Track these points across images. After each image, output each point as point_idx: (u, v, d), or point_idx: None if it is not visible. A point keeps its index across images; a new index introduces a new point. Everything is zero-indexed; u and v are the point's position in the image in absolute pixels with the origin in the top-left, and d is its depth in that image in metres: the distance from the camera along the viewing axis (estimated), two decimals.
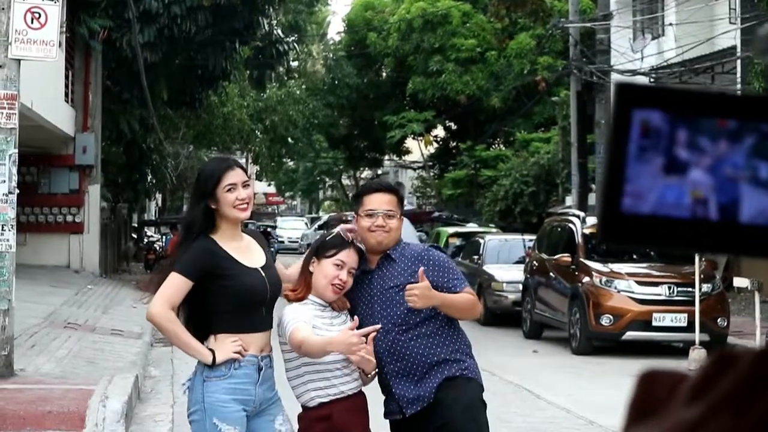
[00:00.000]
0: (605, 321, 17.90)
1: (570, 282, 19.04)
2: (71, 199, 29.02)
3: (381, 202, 5.65)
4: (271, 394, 5.51)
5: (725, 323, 17.98)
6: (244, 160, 64.96)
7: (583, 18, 31.90)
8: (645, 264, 19.02)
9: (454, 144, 49.89)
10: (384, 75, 50.98)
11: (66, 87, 26.71)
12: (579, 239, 19.48)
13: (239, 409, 5.38)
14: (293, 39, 38.72)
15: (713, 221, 0.87)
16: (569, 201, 30.88)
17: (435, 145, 51.98)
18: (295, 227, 71.36)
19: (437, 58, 42.54)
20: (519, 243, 24.71)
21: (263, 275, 5.49)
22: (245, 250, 5.56)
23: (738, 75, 25.86)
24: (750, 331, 17.42)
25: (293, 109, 49.46)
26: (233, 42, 31.28)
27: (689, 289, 17.37)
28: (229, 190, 5.43)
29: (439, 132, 51.76)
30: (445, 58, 42.41)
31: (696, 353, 15.95)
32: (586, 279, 18.52)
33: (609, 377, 15.17)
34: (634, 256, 19.41)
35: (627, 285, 18.06)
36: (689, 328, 17.12)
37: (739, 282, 17.47)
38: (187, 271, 5.37)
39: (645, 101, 0.88)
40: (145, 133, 34.59)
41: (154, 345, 16.90)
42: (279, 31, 35.62)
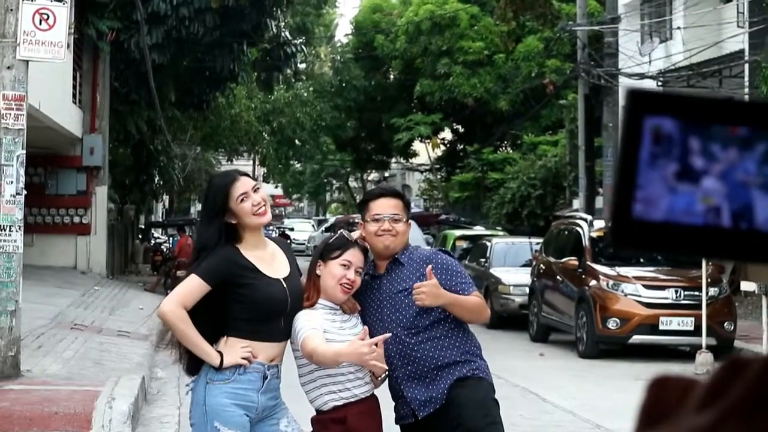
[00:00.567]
0: (612, 324, 17.89)
1: (577, 285, 19.03)
2: (78, 201, 29.06)
3: (387, 206, 5.66)
4: (275, 403, 5.48)
5: (732, 327, 17.96)
6: (251, 162, 65.06)
7: (591, 21, 31.86)
8: (652, 268, 19.00)
9: (461, 147, 49.85)
10: (391, 77, 50.96)
11: (74, 88, 26.75)
12: (586, 242, 19.47)
13: (241, 414, 5.35)
14: (301, 41, 38.75)
15: (724, 228, 0.87)
16: (576, 204, 30.84)
17: (442, 148, 51.95)
18: (302, 229, 71.38)
19: (445, 60, 42.53)
20: (526, 246, 24.71)
21: (285, 286, 5.47)
22: (269, 259, 5.53)
23: (746, 79, 25.84)
24: (757, 335, 17.39)
25: (300, 111, 49.47)
26: (241, 44, 31.30)
27: (696, 293, 17.35)
28: (242, 200, 5.41)
29: (447, 135, 51.74)
30: (453, 60, 42.39)
31: (703, 357, 15.94)
32: (593, 282, 18.51)
33: (615, 381, 15.16)
34: (641, 259, 19.39)
35: (634, 288, 18.04)
36: (696, 331, 17.10)
37: (746, 286, 17.43)
38: (207, 276, 5.35)
39: (656, 108, 0.88)
40: (153, 135, 34.64)
41: (159, 347, 16.89)
42: (287, 33, 35.65)
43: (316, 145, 57.45)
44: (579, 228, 20.26)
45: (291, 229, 64.20)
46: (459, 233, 32.08)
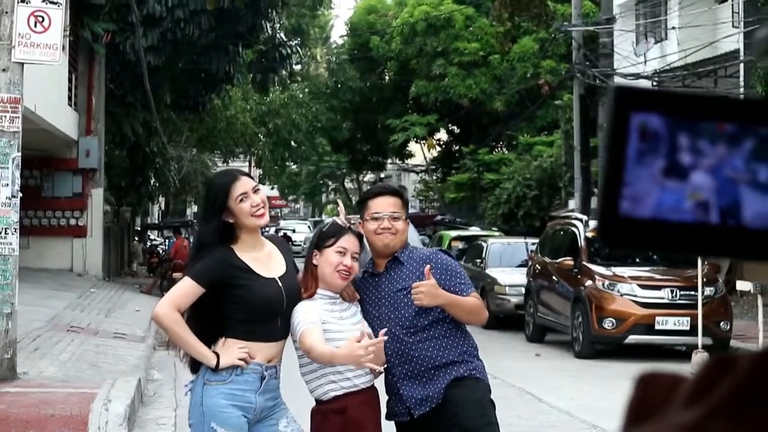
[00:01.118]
0: (608, 324, 17.89)
1: (573, 285, 19.04)
2: (74, 203, 29.03)
3: (386, 204, 5.68)
4: (273, 403, 5.47)
5: (728, 327, 17.96)
6: (247, 163, 65.01)
7: (587, 22, 31.88)
8: (648, 267, 19.00)
9: (457, 147, 49.85)
10: (387, 78, 50.97)
11: (69, 90, 26.72)
12: (582, 243, 19.47)
13: (239, 415, 5.34)
14: (296, 42, 38.76)
15: (712, 225, 0.87)
16: (572, 204, 30.84)
17: (438, 149, 51.97)
18: (300, 230, 71.34)
19: (440, 61, 42.55)
20: (522, 246, 24.71)
21: (280, 285, 5.46)
22: (265, 259, 5.53)
23: (741, 79, 25.85)
24: (753, 335, 17.41)
25: (296, 113, 49.47)
26: (236, 45, 31.31)
27: (692, 293, 17.34)
28: (242, 200, 5.40)
29: (442, 135, 51.75)
30: (448, 61, 42.41)
31: (699, 357, 15.93)
32: (588, 282, 18.51)
33: (611, 381, 15.15)
34: (636, 259, 19.39)
35: (630, 288, 18.04)
36: (692, 331, 17.11)
37: (742, 285, 17.46)
38: (200, 277, 5.36)
39: (643, 105, 0.88)
40: (149, 137, 34.61)
41: (156, 348, 16.90)
42: (282, 35, 35.68)
43: (311, 147, 57.46)
44: (575, 228, 20.26)
45: (293, 231, 64.12)
46: (455, 234, 32.11)
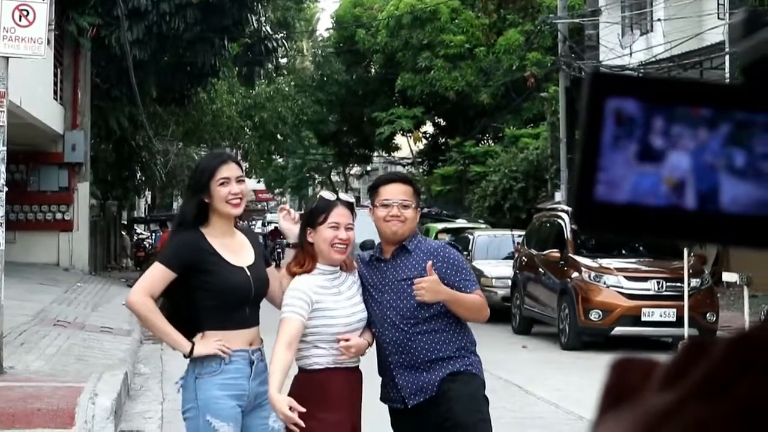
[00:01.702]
0: (594, 316, 17.93)
1: (559, 277, 19.07)
2: (60, 197, 28.99)
3: (397, 192, 5.66)
4: (264, 388, 5.46)
5: (714, 318, 18.02)
6: None
7: (572, 14, 31.94)
8: (634, 259, 19.04)
9: (443, 140, 49.86)
10: (373, 71, 50.94)
11: (55, 84, 26.68)
12: (568, 235, 19.51)
13: (233, 405, 5.38)
14: (282, 36, 38.75)
15: (688, 209, 0.87)
16: (558, 197, 30.89)
17: (424, 142, 51.94)
18: None
19: (426, 54, 42.55)
20: (508, 239, 24.75)
21: (248, 274, 5.49)
22: (236, 247, 5.55)
23: (726, 70, 25.91)
24: (739, 326, 17.45)
25: (282, 106, 49.37)
26: (222, 39, 31.26)
27: (678, 284, 17.39)
28: (222, 183, 5.43)
29: (428, 128, 51.75)
30: (434, 54, 42.42)
31: None
32: (575, 274, 18.54)
33: (598, 372, 14.96)
34: (623, 251, 19.44)
35: (616, 280, 18.08)
36: (678, 323, 17.15)
37: (728, 277, 17.50)
38: (169, 262, 5.39)
39: (618, 90, 0.88)
40: (135, 131, 34.55)
41: (143, 342, 16.89)
42: (268, 28, 35.57)
43: (298, 140, 57.39)
44: (561, 220, 20.30)
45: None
46: (441, 226, 32.05)
